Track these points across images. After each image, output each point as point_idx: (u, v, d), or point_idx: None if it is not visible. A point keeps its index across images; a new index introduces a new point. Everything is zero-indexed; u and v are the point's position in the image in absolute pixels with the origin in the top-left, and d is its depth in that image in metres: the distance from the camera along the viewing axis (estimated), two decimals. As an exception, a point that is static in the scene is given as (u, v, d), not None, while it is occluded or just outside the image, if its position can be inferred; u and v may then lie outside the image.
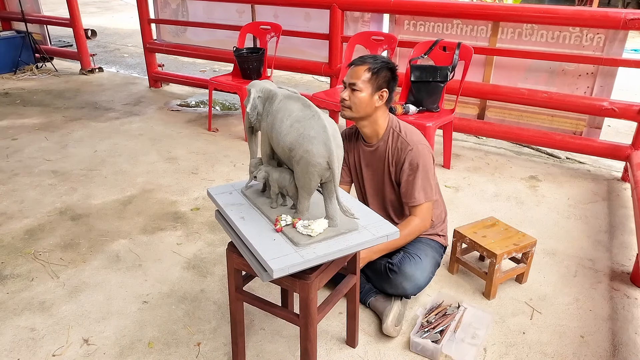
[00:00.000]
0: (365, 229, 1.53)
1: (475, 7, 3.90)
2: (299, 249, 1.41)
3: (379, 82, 1.91)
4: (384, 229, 1.54)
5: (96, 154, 3.76)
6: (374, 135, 2.06)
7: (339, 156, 1.42)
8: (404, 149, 1.99)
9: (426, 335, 1.88)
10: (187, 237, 2.65)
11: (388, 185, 2.11)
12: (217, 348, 1.90)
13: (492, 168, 3.56)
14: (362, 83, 1.90)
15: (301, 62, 4.53)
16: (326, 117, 1.44)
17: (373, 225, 1.55)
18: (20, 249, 2.54)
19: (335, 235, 1.48)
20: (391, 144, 2.03)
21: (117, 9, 12.87)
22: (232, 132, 4.25)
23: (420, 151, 1.97)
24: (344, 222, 1.51)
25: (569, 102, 3.45)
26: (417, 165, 1.97)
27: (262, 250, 1.40)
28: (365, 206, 1.70)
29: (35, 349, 1.89)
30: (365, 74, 1.89)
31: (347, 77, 1.94)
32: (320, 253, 1.41)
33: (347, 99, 1.93)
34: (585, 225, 2.81)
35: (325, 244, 1.45)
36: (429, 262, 2.06)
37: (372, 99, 1.93)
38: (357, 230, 1.52)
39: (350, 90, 1.92)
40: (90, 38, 6.28)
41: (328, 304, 1.66)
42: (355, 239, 1.48)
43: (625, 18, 3.07)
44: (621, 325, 2.04)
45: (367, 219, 1.59)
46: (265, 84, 1.62)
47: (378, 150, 2.07)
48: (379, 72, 1.90)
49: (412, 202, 2.00)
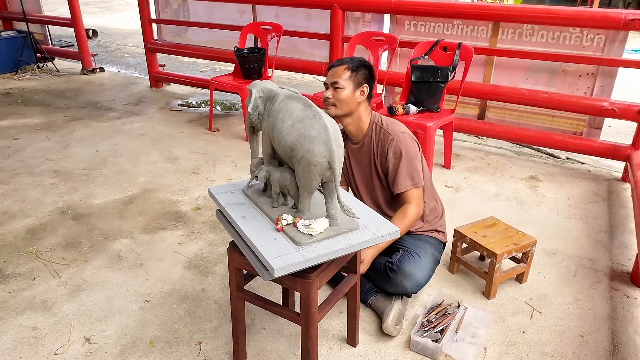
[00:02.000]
0: (366, 228, 1.53)
1: (476, 7, 3.91)
2: (300, 248, 1.42)
3: (358, 78, 2.00)
4: (385, 228, 1.55)
5: (97, 153, 3.76)
6: (359, 132, 2.12)
7: (340, 156, 1.43)
8: (386, 139, 2.05)
9: (426, 334, 1.89)
10: (188, 237, 2.66)
11: (376, 179, 2.15)
12: (218, 347, 1.91)
13: (492, 168, 3.57)
14: (343, 81, 1.98)
15: (302, 62, 4.53)
16: (327, 117, 1.44)
17: (373, 224, 1.56)
18: (22, 248, 2.54)
19: (336, 234, 1.49)
20: (374, 138, 2.10)
21: (118, 9, 12.88)
22: (232, 132, 4.26)
23: (401, 139, 2.03)
24: (344, 221, 1.52)
25: (569, 102, 3.45)
26: (400, 152, 2.02)
27: (264, 249, 1.41)
28: (366, 205, 1.71)
29: (37, 348, 1.90)
30: (345, 73, 1.98)
31: (328, 78, 2.03)
32: (321, 252, 1.41)
33: (331, 97, 2.02)
34: (585, 225, 2.81)
35: (326, 243, 1.45)
36: (429, 260, 2.07)
37: (354, 95, 2.01)
38: (357, 229, 1.52)
39: (333, 89, 2.01)
40: (91, 38, 6.32)
41: (329, 303, 1.67)
42: (356, 238, 1.49)
43: (625, 18, 3.08)
44: (621, 325, 2.05)
45: (368, 218, 1.60)
46: (266, 84, 1.62)
47: (364, 146, 2.13)
48: (357, 69, 2.00)
49: (401, 190, 2.04)
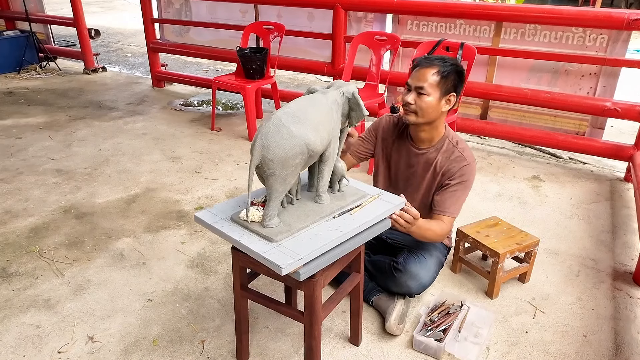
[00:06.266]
0: (274, 247, 1.42)
1: (478, 7, 3.90)
2: (226, 221, 1.53)
3: (447, 85, 1.80)
4: (277, 257, 1.37)
5: (100, 152, 3.77)
6: (427, 140, 1.96)
7: (258, 157, 1.37)
8: (459, 162, 1.91)
9: (429, 333, 1.89)
10: (191, 236, 2.67)
11: (425, 190, 2.02)
12: (221, 346, 1.91)
13: (494, 168, 3.57)
14: (430, 87, 1.78)
15: (304, 62, 4.54)
16: (279, 121, 1.39)
17: (282, 251, 1.40)
18: (25, 247, 2.55)
19: (252, 231, 1.47)
20: (443, 154, 1.94)
21: (120, 9, 12.89)
22: (235, 132, 4.26)
23: (473, 169, 1.93)
24: (271, 231, 1.46)
25: (571, 102, 3.45)
26: (466, 181, 1.91)
27: (224, 203, 1.55)
28: (331, 241, 1.48)
29: (41, 346, 1.91)
30: (433, 77, 1.78)
31: (412, 79, 1.83)
32: (222, 230, 1.50)
33: (413, 104, 1.82)
34: (588, 225, 2.81)
35: (235, 228, 1.50)
36: (434, 262, 2.07)
37: (439, 104, 1.82)
38: (268, 242, 1.43)
39: (416, 94, 1.81)
40: (93, 37, 6.31)
41: (332, 302, 1.67)
42: (250, 243, 1.43)
43: (628, 18, 3.07)
44: (624, 325, 2.05)
45: (297, 245, 1.43)
46: (339, 82, 1.65)
47: (426, 156, 1.97)
48: (448, 75, 1.79)
49: (443, 211, 1.92)
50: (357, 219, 1.56)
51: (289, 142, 1.38)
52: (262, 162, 1.39)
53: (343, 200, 1.65)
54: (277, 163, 1.39)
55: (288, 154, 1.39)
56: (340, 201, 1.64)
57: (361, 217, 1.58)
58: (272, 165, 1.39)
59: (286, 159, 1.39)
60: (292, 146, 1.38)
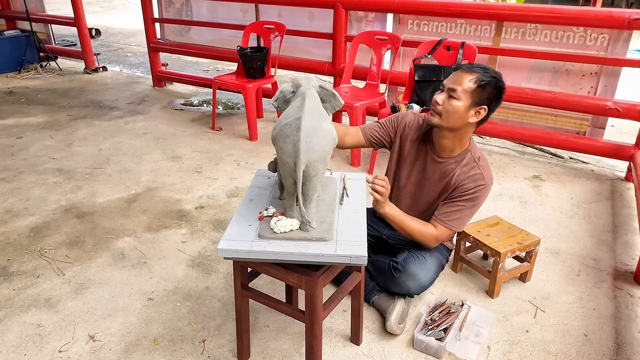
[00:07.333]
0: (336, 244, 1.47)
1: (479, 6, 3.90)
2: (258, 240, 1.46)
3: (481, 96, 1.74)
4: (351, 250, 1.44)
5: (101, 152, 3.77)
6: (449, 149, 1.90)
7: (305, 161, 1.38)
8: (477, 180, 1.86)
9: (430, 333, 1.89)
10: (192, 235, 2.67)
11: (433, 198, 1.99)
12: (222, 345, 1.91)
13: (495, 167, 3.57)
14: (462, 92, 1.73)
15: (305, 61, 4.53)
16: (309, 120, 1.40)
17: (346, 243, 1.47)
18: (26, 246, 2.55)
19: (300, 239, 1.46)
20: (461, 168, 1.88)
21: (121, 8, 12.89)
22: (235, 131, 4.26)
23: (487, 192, 1.90)
24: (319, 230, 1.49)
25: (572, 101, 3.45)
26: (477, 201, 1.89)
27: (228, 230, 1.50)
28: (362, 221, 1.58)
29: (42, 345, 1.91)
30: (469, 84, 1.73)
31: (449, 80, 1.78)
32: (269, 249, 1.44)
33: (440, 104, 1.77)
34: (589, 224, 2.81)
35: (282, 243, 1.46)
36: (434, 263, 2.05)
37: (467, 113, 1.76)
38: (325, 241, 1.46)
39: (447, 95, 1.76)
40: (94, 37, 6.30)
41: (333, 301, 1.67)
42: (312, 249, 1.44)
43: (629, 18, 3.07)
44: (624, 324, 2.05)
45: (347, 235, 1.51)
46: (300, 79, 1.63)
47: (445, 166, 1.92)
48: (485, 86, 1.73)
49: (440, 221, 1.91)
50: (357, 201, 1.68)
51: (325, 138, 1.42)
52: (307, 165, 1.39)
53: (326, 189, 1.72)
54: (321, 162, 1.42)
55: (327, 150, 1.43)
56: (325, 192, 1.70)
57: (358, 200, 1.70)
58: (317, 165, 1.41)
59: (327, 155, 1.44)
60: (330, 141, 1.44)
